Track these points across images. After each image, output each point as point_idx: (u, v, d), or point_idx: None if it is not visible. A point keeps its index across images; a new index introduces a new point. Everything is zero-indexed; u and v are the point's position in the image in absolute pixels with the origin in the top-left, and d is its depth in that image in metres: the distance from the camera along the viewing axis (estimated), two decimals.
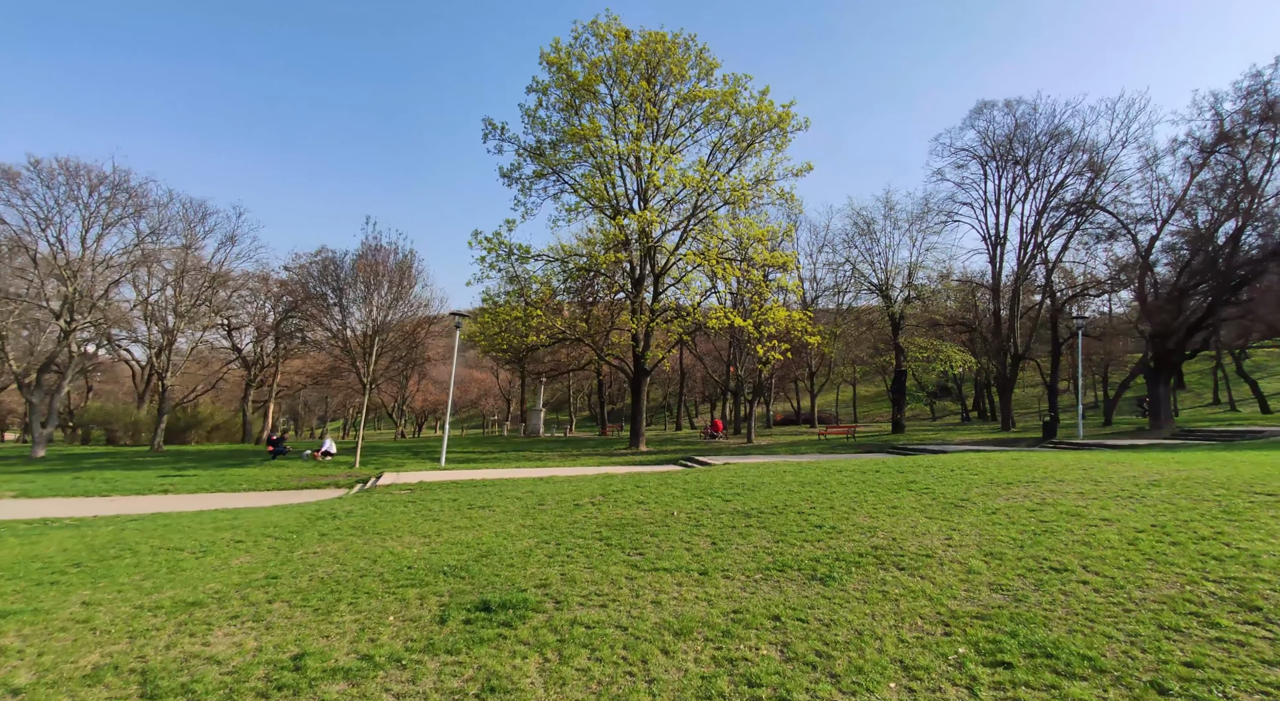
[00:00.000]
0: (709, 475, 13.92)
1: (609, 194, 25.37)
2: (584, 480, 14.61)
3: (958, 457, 15.43)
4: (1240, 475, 9.42)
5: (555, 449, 29.52)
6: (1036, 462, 12.80)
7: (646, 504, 10.37)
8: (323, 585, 6.27)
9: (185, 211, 31.60)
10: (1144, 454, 14.86)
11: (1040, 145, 33.50)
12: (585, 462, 21.31)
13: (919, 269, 36.52)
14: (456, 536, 8.56)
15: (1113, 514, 7.45)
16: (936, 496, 9.42)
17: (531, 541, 8.01)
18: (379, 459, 23.72)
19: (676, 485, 12.40)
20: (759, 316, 25.19)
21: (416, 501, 12.17)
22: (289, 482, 17.06)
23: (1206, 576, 4.94)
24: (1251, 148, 22.34)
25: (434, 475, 17.08)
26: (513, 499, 11.75)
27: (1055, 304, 36.80)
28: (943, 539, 6.91)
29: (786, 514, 8.89)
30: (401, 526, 9.49)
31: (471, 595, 5.71)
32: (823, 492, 10.40)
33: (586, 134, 23.15)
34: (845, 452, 23.13)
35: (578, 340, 26.79)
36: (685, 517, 9.06)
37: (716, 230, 24.97)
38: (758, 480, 12.43)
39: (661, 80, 24.98)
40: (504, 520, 9.65)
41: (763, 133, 25.03)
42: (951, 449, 21.35)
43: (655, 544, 7.53)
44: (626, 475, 15.57)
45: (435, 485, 14.68)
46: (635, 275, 27.46)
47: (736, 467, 15.86)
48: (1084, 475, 10.45)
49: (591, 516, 9.53)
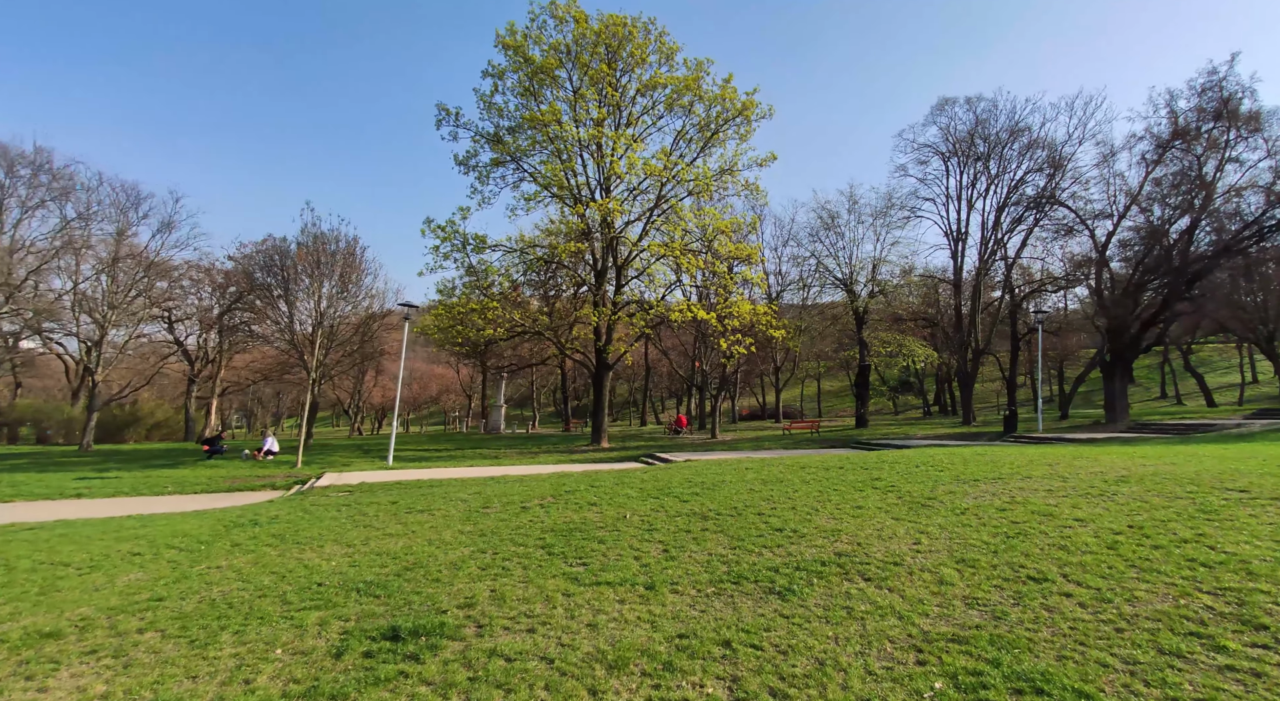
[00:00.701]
0: (668, 473, 13.32)
1: (569, 183, 24.50)
2: (537, 480, 13.86)
3: (922, 453, 15.14)
4: (1207, 470, 9.20)
5: (515, 446, 28.62)
6: (1001, 458, 12.53)
7: (599, 506, 9.70)
8: (211, 609, 5.42)
9: (116, 196, 29.62)
10: (1105, 448, 14.79)
11: (1001, 141, 33.82)
12: (543, 460, 20.53)
13: (883, 263, 36.62)
14: (385, 545, 7.75)
15: (1085, 513, 7.05)
16: (903, 495, 8.96)
17: (467, 550, 7.26)
18: (325, 458, 22.52)
19: (633, 485, 11.75)
20: (723, 310, 24.69)
21: (352, 505, 11.27)
22: (219, 485, 15.87)
23: (1199, 587, 4.49)
24: (1206, 145, 22.72)
25: (379, 475, 16.11)
26: (457, 501, 10.94)
27: (1014, 299, 37.32)
28: (910, 543, 6.40)
29: (745, 515, 8.32)
30: (327, 534, 8.62)
31: (382, 619, 4.94)
32: (784, 492, 9.87)
33: (545, 119, 22.23)
34: (809, 448, 22.83)
35: (538, 334, 25.91)
36: (638, 521, 8.42)
37: (680, 221, 24.35)
38: (718, 478, 11.86)
39: (623, 65, 24.18)
40: (442, 525, 8.86)
41: (726, 122, 24.47)
42: (915, 443, 21.22)
43: (602, 552, 6.86)
44: (583, 474, 14.87)
45: (377, 486, 13.75)
46: (598, 267, 26.69)
47: (698, 465, 15.29)
48: (1050, 471, 10.14)
49: (538, 521, 8.81)
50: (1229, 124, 21.80)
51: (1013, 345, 38.54)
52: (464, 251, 23.22)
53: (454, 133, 25.06)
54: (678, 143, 25.29)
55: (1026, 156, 32.43)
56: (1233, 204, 23.23)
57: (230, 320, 36.84)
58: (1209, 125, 22.45)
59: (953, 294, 36.96)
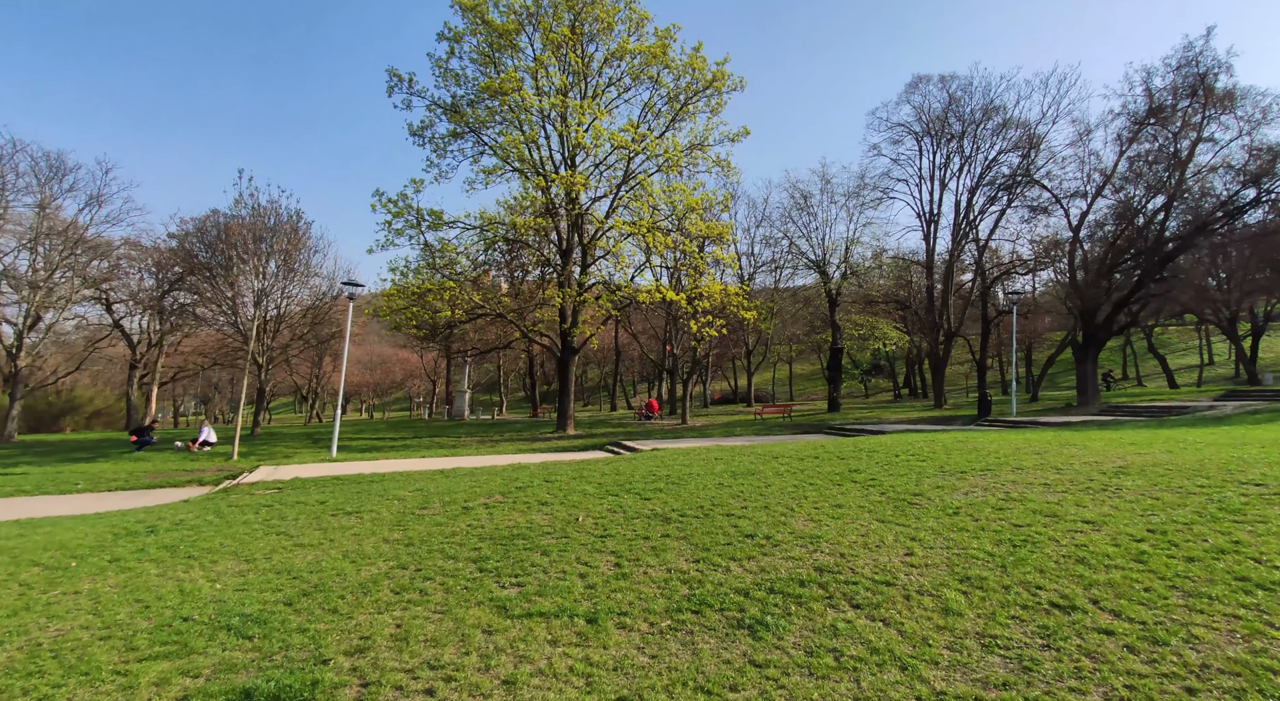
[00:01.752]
0: (632, 465, 12.34)
1: (531, 157, 23.07)
2: (491, 473, 12.75)
3: (899, 439, 14.41)
4: (1208, 460, 8.53)
5: (477, 433, 27.39)
6: (984, 445, 11.81)
7: (550, 505, 8.66)
8: (29, 661, 4.23)
9: (35, 165, 27.11)
10: (1087, 433, 14.25)
11: (975, 121, 33.25)
12: (502, 450, 19.40)
13: (856, 244, 35.98)
14: (290, 560, 6.59)
15: (1094, 513, 6.24)
16: (886, 490, 8.11)
17: (385, 565, 6.16)
18: (269, 449, 21.04)
19: (593, 478, 10.74)
20: (693, 291, 23.68)
21: (275, 505, 10.03)
22: (139, 481, 14.40)
23: (1270, 621, 3.63)
24: (1181, 123, 22.33)
25: (318, 469, 14.82)
26: (393, 500, 9.78)
27: (985, 282, 37.08)
28: (902, 553, 5.50)
29: (713, 517, 7.36)
30: (227, 545, 7.41)
31: (240, 675, 3.83)
32: (756, 487, 8.96)
33: (504, 87, 20.70)
34: (782, 434, 22.10)
35: (500, 316, 24.58)
36: (591, 525, 7.40)
37: (649, 197, 23.15)
38: (685, 471, 10.91)
39: (588, 32, 22.72)
40: (367, 532, 7.72)
41: (696, 94, 23.24)
42: (890, 428, 20.62)
43: (544, 567, 5.83)
44: (541, 466, 13.81)
45: (312, 482, 12.50)
46: (563, 246, 25.40)
47: (665, 454, 14.34)
48: (1041, 461, 9.40)
49: (478, 525, 7.74)
50: (1204, 102, 21.40)
51: (983, 328, 38.40)
52: (418, 228, 21.69)
53: (407, 101, 23.37)
54: (645, 116, 23.98)
55: (1000, 136, 31.94)
56: (1206, 183, 22.99)
57: (172, 302, 34.55)
58: (1184, 102, 22.04)
59: (925, 276, 36.55)
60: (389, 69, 22.05)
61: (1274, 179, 21.93)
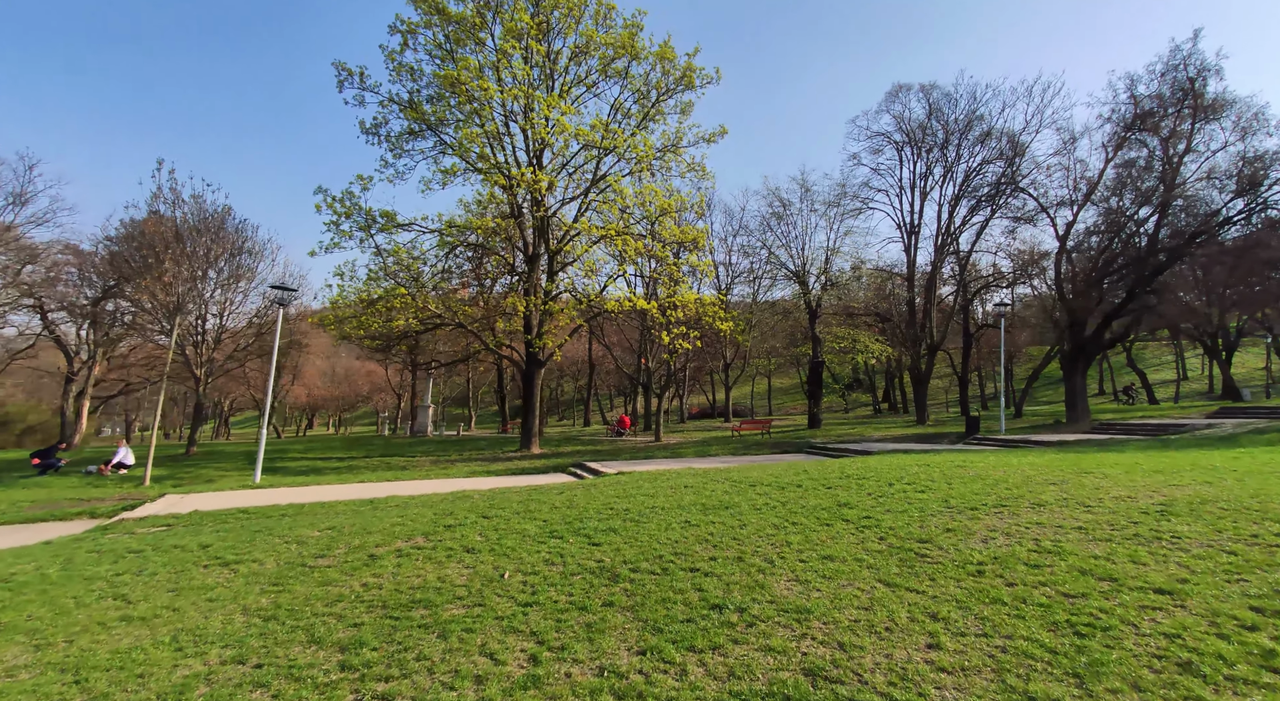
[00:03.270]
0: (589, 494, 10.75)
1: (493, 156, 21.53)
2: (428, 503, 11.07)
3: (889, 462, 13.01)
4: (1264, 493, 7.20)
5: (435, 452, 25.52)
6: (986, 471, 10.43)
7: (477, 553, 7.04)
8: None
9: None
10: (1093, 456, 12.98)
11: (957, 129, 32.56)
12: (455, 472, 17.63)
13: (836, 254, 34.93)
14: (96, 647, 4.86)
15: (1162, 576, 4.81)
16: (885, 533, 6.63)
17: (216, 659, 4.47)
18: (195, 471, 19.00)
19: (539, 512, 9.13)
20: (666, 300, 22.22)
21: (146, 550, 8.24)
22: (18, 513, 12.38)
23: None
24: (1170, 131, 21.57)
25: (232, 498, 12.96)
26: (292, 544, 8.06)
27: (967, 294, 36.27)
28: (924, 643, 3.99)
29: (673, 573, 5.81)
30: (37, 618, 5.65)
31: None
32: (730, 527, 7.43)
33: (463, 77, 19.17)
34: (760, 453, 20.64)
35: (460, 326, 22.85)
36: (519, 585, 5.80)
37: (619, 199, 21.71)
38: (648, 503, 9.36)
39: (553, 23, 21.34)
40: (228, 596, 6.01)
41: (668, 92, 21.95)
42: (875, 448, 19.27)
43: (432, 662, 4.21)
44: (488, 493, 12.15)
45: (211, 516, 10.69)
46: (529, 252, 23.82)
47: (629, 480, 12.78)
48: (1061, 494, 8.01)
49: (374, 585, 6.08)
50: (1193, 108, 20.67)
51: (965, 341, 37.56)
52: (367, 230, 19.94)
53: (359, 96, 21.74)
54: (615, 115, 22.61)
55: (983, 145, 31.22)
56: (1197, 193, 22.28)
57: (113, 310, 32.14)
58: (1171, 110, 21.30)
59: (906, 289, 35.62)
60: (336, 63, 20.42)
61: (1262, 190, 21.23)
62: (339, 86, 21.16)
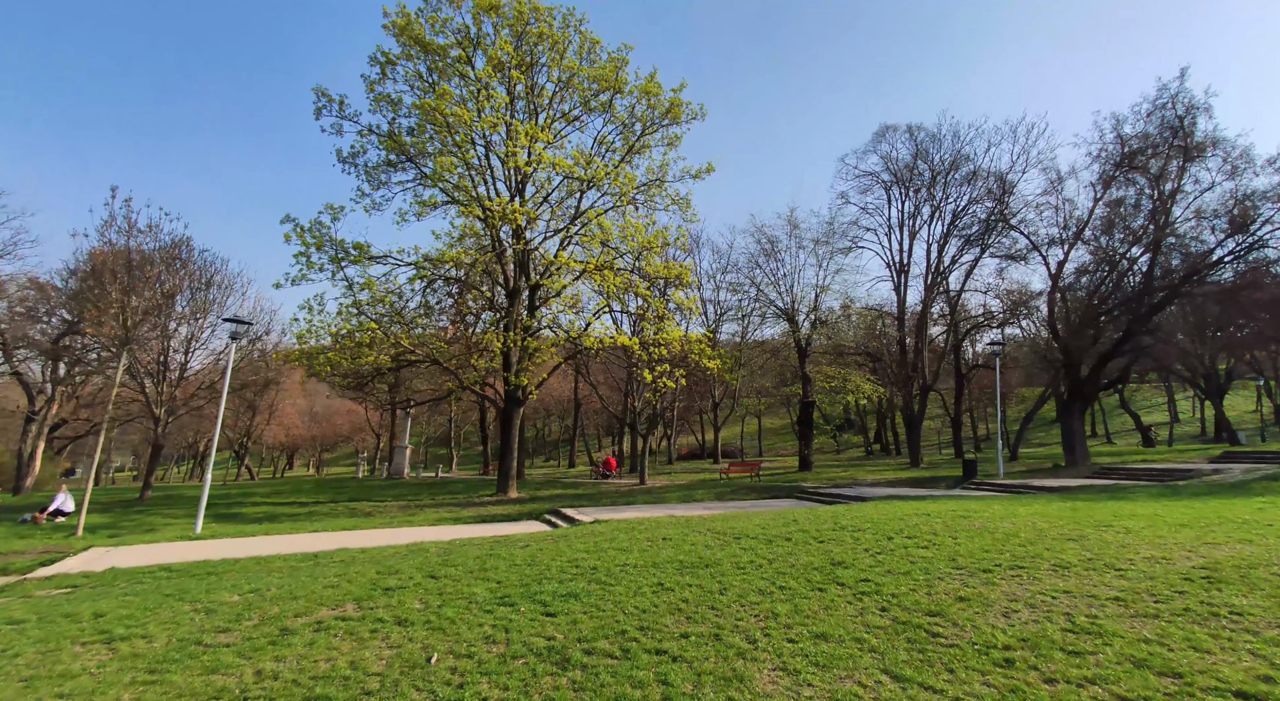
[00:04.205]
0: (557, 547, 9.68)
1: (473, 188, 20.96)
2: (373, 559, 9.95)
3: (885, 511, 12.02)
4: None
5: (407, 496, 24.17)
6: (993, 523, 9.48)
7: (409, 626, 5.97)
8: None
9: None
10: (1105, 505, 12.05)
11: (942, 170, 32.63)
12: (420, 521, 16.39)
13: (826, 292, 34.45)
14: None
15: (1237, 671, 3.86)
16: (886, 602, 5.66)
17: None
18: (140, 519, 17.64)
19: (496, 571, 8.07)
20: (649, 336, 21.40)
21: (29, 621, 7.07)
22: None
23: None
24: (1160, 170, 21.38)
25: (162, 552, 11.73)
26: (200, 612, 6.93)
27: (958, 334, 35.77)
28: None
29: (635, 656, 4.79)
30: None
31: None
32: (708, 592, 6.42)
33: (441, 107, 18.69)
34: (748, 499, 19.53)
35: (435, 362, 21.85)
36: (445, 673, 4.76)
37: (601, 233, 21.09)
38: (619, 559, 8.33)
39: (536, 56, 21.10)
40: (90, 689, 4.89)
41: (651, 125, 21.62)
42: (869, 493, 18.24)
43: None
44: (447, 545, 11.05)
45: (127, 574, 9.49)
46: (510, 286, 23.05)
47: (605, 530, 11.71)
48: (1084, 553, 7.07)
49: (273, 672, 5.00)
50: (1181, 149, 20.49)
51: (957, 382, 36.87)
52: (338, 263, 19.10)
53: (337, 125, 21.23)
54: (598, 148, 22.22)
55: (970, 185, 31.22)
56: (1185, 233, 22.00)
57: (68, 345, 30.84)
58: (1160, 150, 21.14)
59: (896, 328, 35.10)
60: (316, 88, 19.94)
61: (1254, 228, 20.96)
62: (316, 113, 20.63)
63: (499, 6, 19.55)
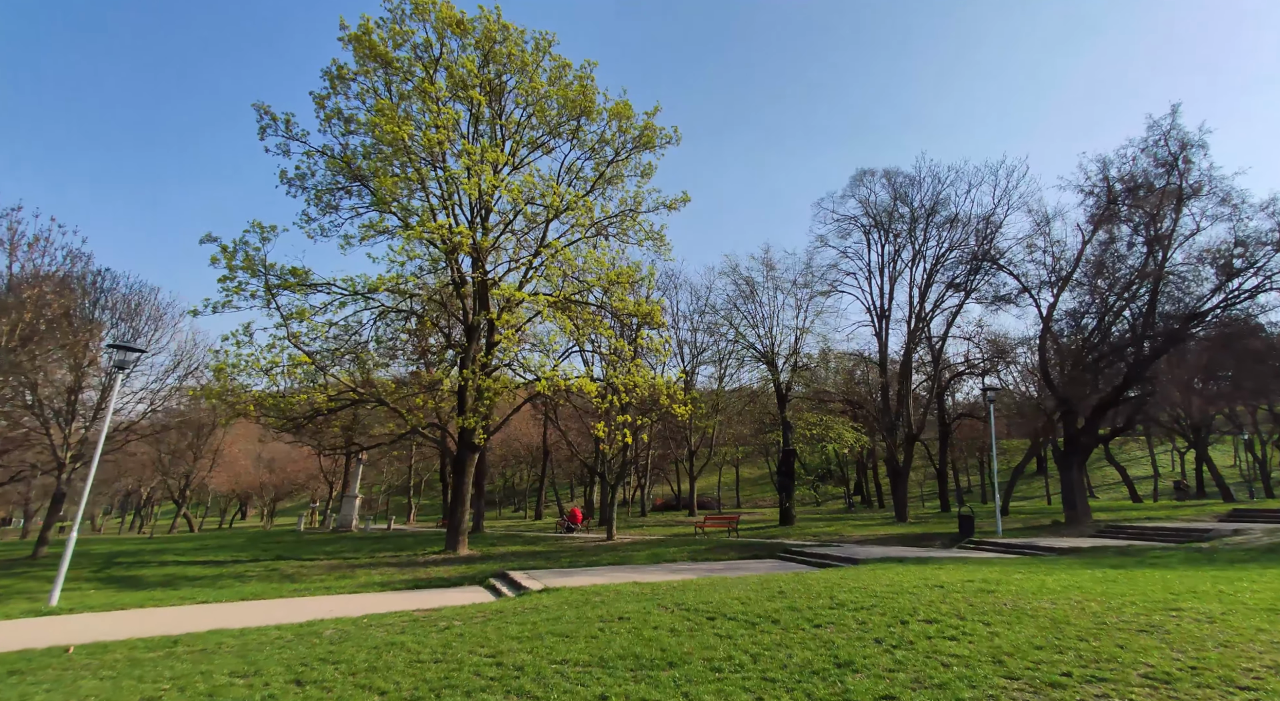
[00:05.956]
0: (484, 632, 7.60)
1: (433, 215, 19.36)
2: (239, 649, 7.76)
3: (885, 578, 10.14)
4: None
5: (346, 553, 21.54)
6: (1027, 599, 7.65)
7: None
8: None
9: None
10: (1140, 572, 10.33)
11: (922, 214, 32.07)
12: (342, 588, 13.99)
13: (806, 334, 33.14)
14: None
15: None
16: None
17: None
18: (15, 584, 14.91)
19: (390, 674, 6.01)
20: (617, 380, 19.55)
21: None
22: None
23: None
24: (1156, 206, 20.63)
25: None
26: None
27: (941, 382, 34.58)
28: None
29: None
30: None
31: None
32: None
33: (391, 127, 17.15)
34: (725, 558, 17.43)
35: (380, 402, 19.70)
36: None
37: (566, 265, 19.49)
38: (558, 652, 6.32)
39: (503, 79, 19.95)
40: None
41: (624, 150, 20.41)
42: (860, 554, 16.28)
43: None
44: (350, 626, 8.86)
45: None
46: (468, 321, 21.22)
47: (552, 603, 9.63)
48: (1173, 655, 5.28)
49: None
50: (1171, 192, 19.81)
51: (941, 431, 35.50)
52: (269, 289, 17.11)
53: (284, 146, 19.64)
54: (566, 175, 20.90)
55: (950, 228, 30.60)
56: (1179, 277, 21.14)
57: None
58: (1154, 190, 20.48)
59: (878, 375, 33.78)
60: (257, 104, 18.37)
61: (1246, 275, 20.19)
62: (260, 133, 19.02)
63: (463, 22, 18.42)
